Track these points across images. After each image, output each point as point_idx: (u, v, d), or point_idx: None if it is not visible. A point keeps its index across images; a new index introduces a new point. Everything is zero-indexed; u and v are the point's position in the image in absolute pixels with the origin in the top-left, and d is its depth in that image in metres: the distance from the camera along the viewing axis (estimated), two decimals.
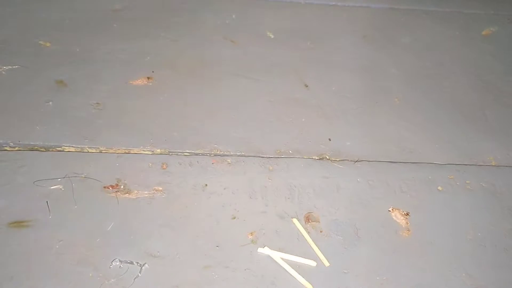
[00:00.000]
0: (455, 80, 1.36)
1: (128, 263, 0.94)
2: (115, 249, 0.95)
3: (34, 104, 1.16)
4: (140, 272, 0.93)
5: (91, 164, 1.06)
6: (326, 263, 0.98)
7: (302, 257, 0.98)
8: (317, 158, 1.15)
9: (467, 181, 1.16)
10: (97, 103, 1.17)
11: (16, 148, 1.08)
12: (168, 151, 1.11)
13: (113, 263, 0.93)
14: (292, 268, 0.96)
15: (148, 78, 1.23)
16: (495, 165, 1.20)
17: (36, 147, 1.08)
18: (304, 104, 1.24)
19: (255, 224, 1.02)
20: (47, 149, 1.08)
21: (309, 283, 0.94)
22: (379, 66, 1.36)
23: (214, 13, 1.52)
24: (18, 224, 0.95)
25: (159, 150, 1.11)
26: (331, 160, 1.15)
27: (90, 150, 1.08)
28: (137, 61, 1.27)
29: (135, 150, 1.10)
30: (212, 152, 1.12)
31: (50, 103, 1.16)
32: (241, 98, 1.23)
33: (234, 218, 1.03)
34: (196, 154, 1.11)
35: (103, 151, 1.08)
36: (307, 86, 1.27)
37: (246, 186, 1.08)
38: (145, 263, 0.94)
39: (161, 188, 1.05)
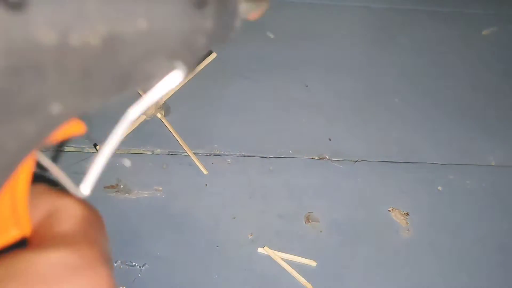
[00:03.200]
0: (455, 80, 1.36)
1: (128, 263, 0.94)
2: (115, 249, 0.95)
3: None
4: (140, 273, 0.93)
5: (91, 164, 1.06)
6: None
7: (302, 257, 0.98)
8: (317, 158, 1.15)
9: (467, 181, 1.16)
10: None
11: None
12: (168, 151, 1.10)
13: (114, 264, 0.93)
14: (292, 268, 0.96)
15: None
16: (495, 165, 1.19)
17: None
18: (304, 104, 1.24)
19: (255, 224, 1.02)
20: (46, 149, 1.08)
21: (309, 283, 0.94)
22: (379, 66, 1.36)
23: None
24: None
25: (159, 150, 1.10)
26: (331, 160, 1.15)
27: (90, 150, 1.08)
28: None
29: (135, 150, 1.10)
30: (212, 152, 1.12)
31: None
32: (241, 98, 1.23)
33: (234, 218, 1.03)
34: (196, 154, 1.11)
35: None
36: (307, 86, 1.27)
37: (246, 186, 1.08)
38: (145, 263, 0.94)
39: (161, 188, 1.05)
